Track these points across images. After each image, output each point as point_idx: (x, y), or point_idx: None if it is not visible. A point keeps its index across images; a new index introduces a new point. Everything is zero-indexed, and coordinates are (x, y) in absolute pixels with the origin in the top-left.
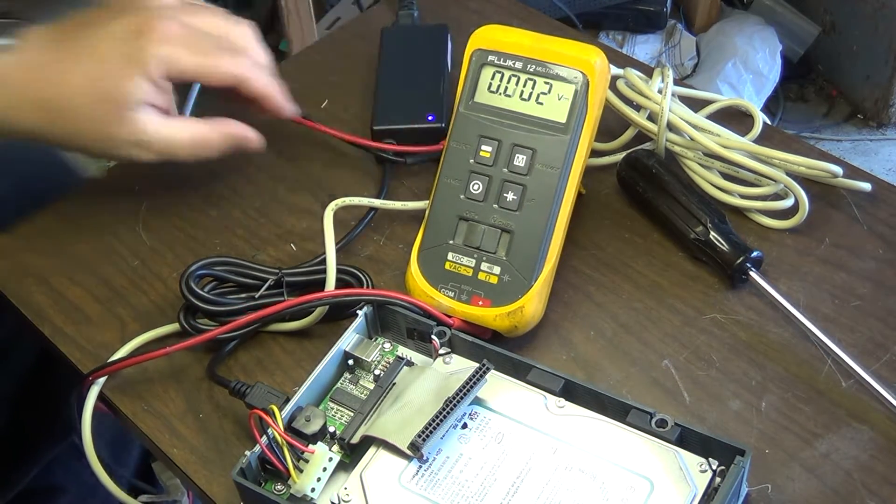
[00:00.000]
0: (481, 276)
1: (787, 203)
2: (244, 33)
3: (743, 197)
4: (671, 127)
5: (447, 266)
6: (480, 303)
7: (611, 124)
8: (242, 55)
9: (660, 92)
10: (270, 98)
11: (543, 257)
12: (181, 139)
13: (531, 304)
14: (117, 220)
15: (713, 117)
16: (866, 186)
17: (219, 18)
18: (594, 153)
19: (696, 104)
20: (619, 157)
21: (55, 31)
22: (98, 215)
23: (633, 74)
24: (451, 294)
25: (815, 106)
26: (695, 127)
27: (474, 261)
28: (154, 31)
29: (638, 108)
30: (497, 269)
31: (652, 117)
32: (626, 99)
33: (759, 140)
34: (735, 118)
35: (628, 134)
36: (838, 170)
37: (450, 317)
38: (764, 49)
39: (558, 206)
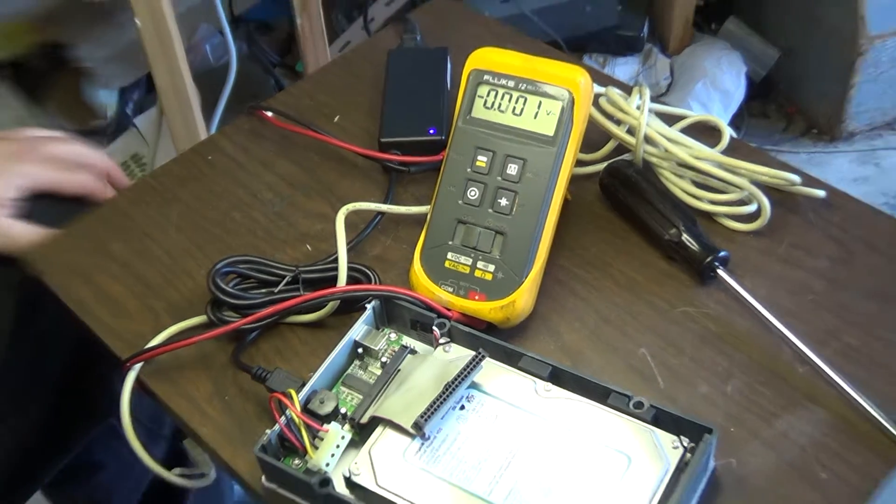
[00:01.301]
0: (477, 273)
1: (751, 208)
2: (86, 154)
3: (712, 203)
4: (648, 140)
5: (447, 264)
6: (476, 297)
7: (594, 137)
8: (87, 172)
9: (638, 108)
10: (104, 196)
11: (533, 257)
12: (22, 236)
13: (522, 298)
14: (152, 223)
15: (685, 131)
16: (821, 193)
17: (68, 145)
18: (579, 163)
19: (670, 119)
20: (602, 166)
21: None
22: (135, 219)
23: (615, 92)
24: (451, 289)
25: (776, 122)
26: (669, 140)
27: (471, 260)
28: (23, 153)
29: (618, 122)
30: (491, 268)
31: (631, 131)
32: (607, 114)
33: (726, 152)
34: (705, 132)
35: (609, 146)
36: (796, 178)
37: (449, 310)
38: (730, 71)
39: (546, 211)
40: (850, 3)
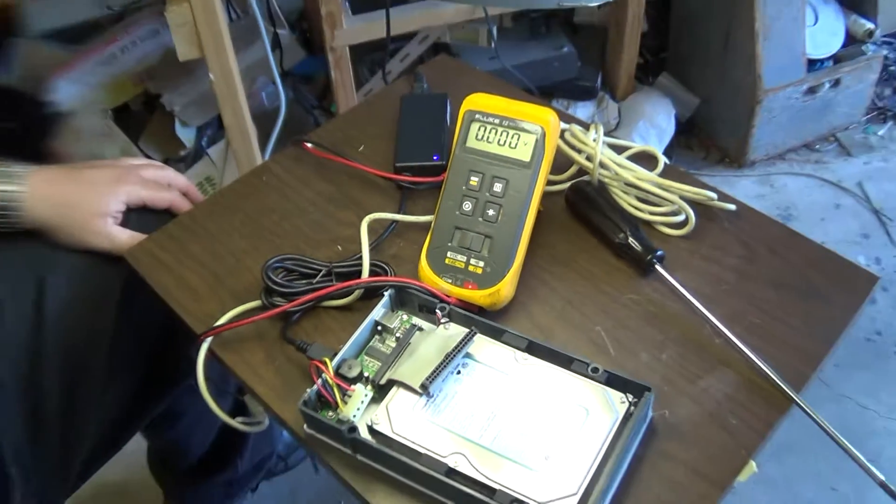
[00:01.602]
0: (471, 268)
1: (680, 218)
2: (171, 176)
3: (651, 213)
4: (602, 165)
5: (447, 261)
6: (470, 287)
7: (560, 162)
8: (171, 192)
9: (594, 140)
10: (184, 209)
11: (514, 255)
12: (124, 240)
13: (505, 287)
14: (220, 229)
15: (630, 158)
16: (732, 207)
17: (159, 170)
18: (549, 182)
19: (618, 149)
20: (567, 185)
21: (65, 168)
22: (207, 226)
23: (576, 128)
24: (450, 280)
25: (697, 152)
26: (618, 165)
27: (466, 258)
28: (127, 176)
29: (579, 151)
30: (481, 264)
31: (589, 158)
32: (570, 145)
33: (661, 174)
34: (645, 159)
35: (573, 169)
36: (713, 195)
37: (448, 296)
38: (663, 113)
39: (524, 220)
40: (750, 65)
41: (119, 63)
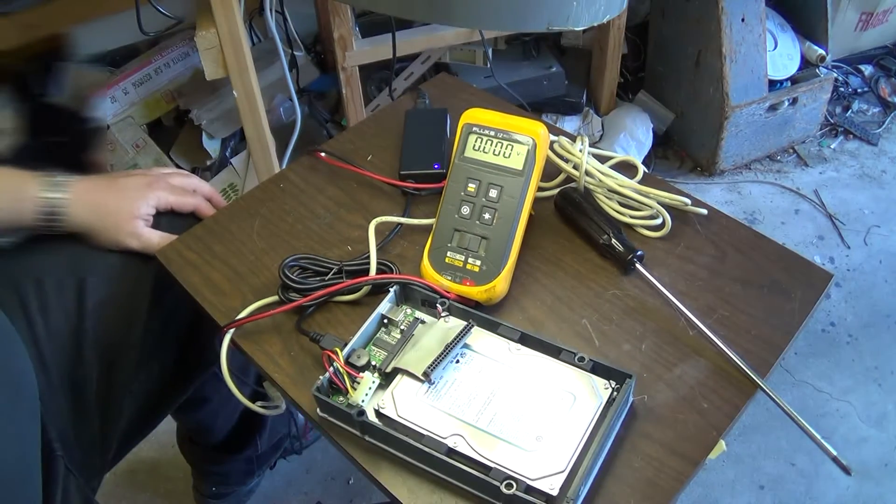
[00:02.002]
0: (468, 266)
1: (658, 221)
2: (197, 183)
3: (632, 217)
4: (587, 173)
5: (447, 260)
6: (468, 283)
7: (550, 171)
8: (196, 197)
9: (580, 151)
10: (208, 213)
11: (507, 255)
12: (154, 241)
13: (499, 284)
14: (242, 231)
15: (613, 167)
16: (703, 211)
17: (186, 178)
18: (540, 189)
19: (602, 159)
20: (556, 192)
21: (103, 177)
22: (230, 229)
23: (564, 140)
24: (450, 278)
25: (673, 162)
26: (602, 173)
27: (464, 257)
28: (156, 182)
29: (566, 160)
30: (478, 262)
31: (576, 167)
32: (559, 155)
33: (641, 182)
34: (625, 168)
35: (561, 177)
36: (687, 200)
37: (448, 292)
38: (642, 126)
39: (517, 223)
40: (719, 84)
41: (153, 83)
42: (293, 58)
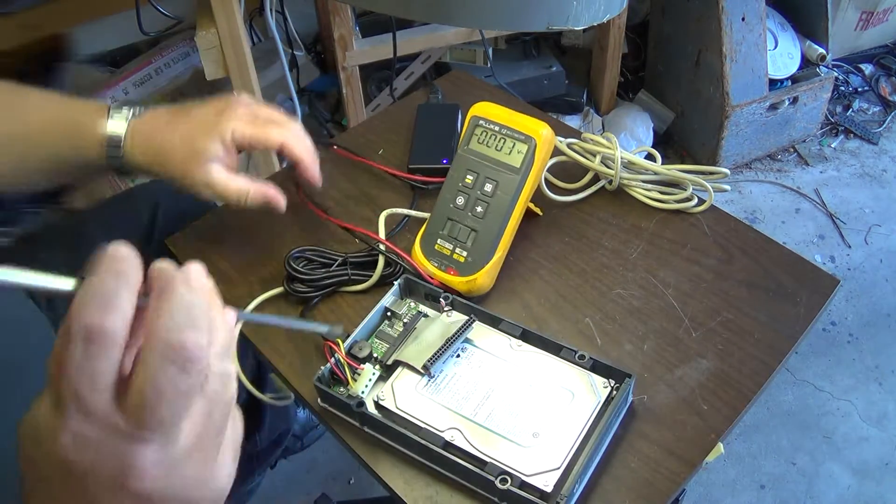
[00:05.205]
0: (455, 256)
1: (693, 202)
2: (287, 118)
3: (676, 202)
4: (623, 166)
5: (436, 247)
6: (451, 273)
7: (575, 172)
8: (286, 128)
9: (610, 143)
10: (304, 160)
11: (493, 250)
12: (231, 189)
13: (481, 278)
14: (251, 221)
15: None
16: (727, 187)
17: (272, 110)
18: (564, 192)
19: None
20: (580, 196)
21: (171, 109)
22: (239, 219)
23: (588, 135)
24: (436, 264)
25: (673, 162)
26: (637, 164)
27: (452, 246)
28: (228, 111)
29: (594, 155)
30: (464, 254)
31: (604, 162)
32: (584, 152)
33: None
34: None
35: (588, 177)
36: (726, 171)
37: (432, 277)
38: (642, 125)
39: (507, 219)
40: (719, 84)
41: (153, 83)
42: (293, 57)
